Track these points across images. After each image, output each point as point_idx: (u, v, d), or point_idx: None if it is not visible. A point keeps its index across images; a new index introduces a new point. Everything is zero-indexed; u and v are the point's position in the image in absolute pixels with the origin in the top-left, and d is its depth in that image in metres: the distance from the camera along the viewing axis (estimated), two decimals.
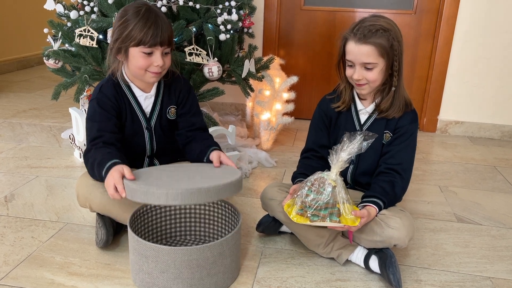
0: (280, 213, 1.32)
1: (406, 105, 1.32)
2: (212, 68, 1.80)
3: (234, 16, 1.83)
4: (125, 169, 1.12)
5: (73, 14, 1.74)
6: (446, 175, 2.04)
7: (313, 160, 1.40)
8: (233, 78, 2.00)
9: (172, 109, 1.43)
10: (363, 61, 1.24)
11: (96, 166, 1.20)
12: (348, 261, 1.30)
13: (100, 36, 1.71)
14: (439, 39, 2.49)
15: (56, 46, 1.83)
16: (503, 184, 1.96)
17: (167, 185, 1.08)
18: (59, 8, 1.86)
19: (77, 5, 1.80)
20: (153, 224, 1.34)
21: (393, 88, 1.29)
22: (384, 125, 1.33)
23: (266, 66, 2.09)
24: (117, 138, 1.30)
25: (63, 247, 1.34)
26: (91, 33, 1.68)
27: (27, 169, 1.90)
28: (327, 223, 1.14)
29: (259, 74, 2.03)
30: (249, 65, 1.91)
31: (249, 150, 2.10)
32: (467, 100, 2.58)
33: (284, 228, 1.42)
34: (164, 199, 1.05)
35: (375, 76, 1.25)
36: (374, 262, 1.25)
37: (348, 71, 1.29)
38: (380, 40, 1.21)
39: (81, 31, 1.67)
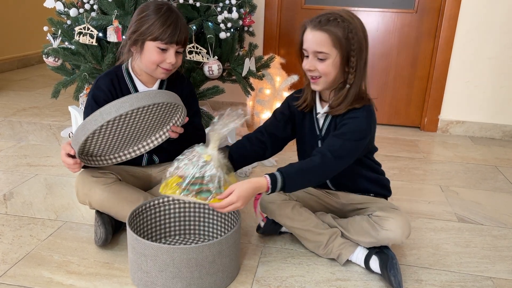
0: (280, 216, 1.31)
1: (358, 104, 1.21)
2: (212, 67, 1.79)
3: (235, 14, 1.83)
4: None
5: (73, 12, 1.73)
6: (447, 175, 2.03)
7: (251, 141, 1.34)
8: (233, 77, 2.00)
9: None
10: (316, 50, 1.16)
11: None
12: (348, 261, 1.29)
13: (100, 34, 1.70)
14: (441, 39, 2.48)
15: (55, 44, 1.82)
16: (504, 184, 1.95)
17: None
18: (59, 6, 1.85)
19: (77, 3, 1.79)
20: (152, 223, 1.33)
21: (347, 86, 1.20)
22: (335, 126, 1.26)
23: (266, 65, 2.08)
24: None
25: (62, 246, 1.34)
26: (91, 31, 1.67)
27: (26, 168, 1.89)
28: (192, 199, 1.08)
29: (259, 73, 2.03)
30: (249, 64, 1.90)
31: None
32: (468, 99, 2.57)
33: (284, 229, 1.42)
34: (100, 118, 1.08)
35: (327, 68, 1.17)
36: (374, 263, 1.24)
37: (304, 62, 1.22)
38: (335, 29, 1.14)
39: (80, 29, 1.67)
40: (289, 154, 2.17)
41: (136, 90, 1.39)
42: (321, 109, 1.28)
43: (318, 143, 1.31)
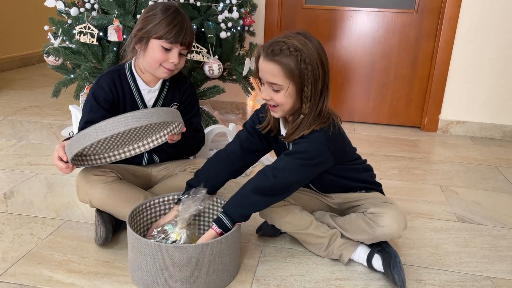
0: (281, 222, 1.31)
1: (311, 134, 1.17)
2: (213, 66, 1.79)
3: (235, 14, 1.83)
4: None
5: (74, 11, 1.73)
6: (447, 175, 2.03)
7: (224, 163, 1.32)
8: (234, 76, 2.00)
9: (175, 106, 1.44)
10: (269, 80, 1.13)
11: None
12: (350, 260, 1.30)
13: (101, 33, 1.70)
14: (441, 39, 2.48)
15: (56, 43, 1.83)
16: (504, 184, 1.95)
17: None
18: (60, 5, 1.85)
19: (78, 2, 1.79)
20: (152, 222, 1.33)
21: (301, 116, 1.16)
22: None
23: None
24: None
25: (62, 245, 1.34)
26: (92, 30, 1.67)
27: (26, 166, 1.90)
28: None
29: None
30: (249, 63, 1.91)
31: None
32: (469, 99, 2.57)
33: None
34: (94, 134, 1.07)
35: (282, 99, 1.13)
36: (377, 261, 1.25)
37: (261, 89, 1.18)
38: (287, 60, 1.09)
39: (81, 28, 1.67)
40: None
41: (137, 89, 1.39)
42: (284, 131, 1.25)
43: None
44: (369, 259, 1.26)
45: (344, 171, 1.31)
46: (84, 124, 1.33)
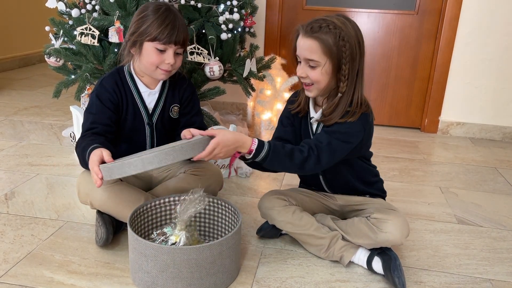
0: (281, 222, 1.31)
1: (352, 114, 1.19)
2: (213, 67, 1.80)
3: (236, 16, 1.83)
4: (104, 152, 1.13)
5: (75, 12, 1.73)
6: (447, 176, 2.03)
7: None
8: (234, 78, 2.00)
9: (175, 107, 1.44)
10: (306, 57, 1.16)
11: (80, 154, 1.22)
12: (350, 263, 1.30)
13: (102, 35, 1.71)
14: (441, 40, 2.49)
15: (57, 44, 1.83)
16: (504, 186, 1.96)
17: (141, 155, 1.08)
18: (61, 6, 1.85)
19: (79, 3, 1.80)
20: (153, 223, 1.34)
21: (339, 95, 1.18)
22: None
23: (267, 66, 2.09)
24: (108, 130, 1.33)
25: (63, 246, 1.34)
26: (93, 31, 1.68)
27: (27, 167, 1.90)
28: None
29: (260, 74, 2.03)
30: (250, 65, 1.91)
31: None
32: (469, 101, 2.57)
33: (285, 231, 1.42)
34: (141, 165, 1.04)
35: (318, 76, 1.16)
36: (377, 264, 1.25)
37: (297, 68, 1.21)
38: (326, 37, 1.12)
39: (82, 29, 1.67)
40: None
41: (138, 93, 1.39)
42: (315, 114, 1.28)
43: None
44: (369, 261, 1.26)
45: (360, 171, 1.32)
46: (91, 124, 1.31)
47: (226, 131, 1.11)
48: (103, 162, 1.12)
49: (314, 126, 1.29)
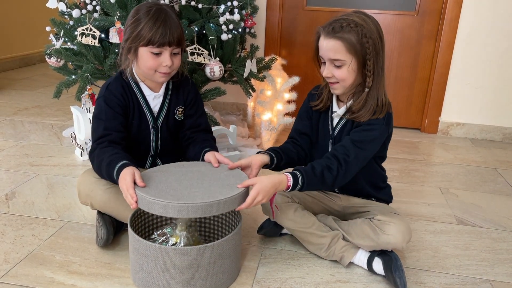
0: (282, 218, 1.32)
1: (381, 110, 1.21)
2: (214, 68, 1.80)
3: (236, 16, 1.83)
4: (136, 174, 1.12)
5: (76, 13, 1.74)
6: (447, 177, 2.03)
7: (292, 145, 1.37)
8: (235, 78, 2.01)
9: (180, 109, 1.43)
10: (331, 57, 1.17)
11: (104, 167, 1.19)
12: (350, 263, 1.30)
13: (102, 35, 1.71)
14: (442, 41, 2.49)
15: (58, 44, 1.83)
16: (504, 187, 1.96)
17: (183, 196, 1.08)
18: (62, 7, 1.86)
19: (80, 3, 1.80)
20: (154, 224, 1.34)
21: (366, 90, 1.20)
22: (350, 129, 1.26)
23: (267, 66, 2.09)
24: (122, 137, 1.31)
25: (63, 246, 1.35)
26: (93, 31, 1.68)
27: (28, 167, 1.90)
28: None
29: (260, 74, 2.03)
30: (250, 65, 1.91)
31: (250, 150, 2.10)
32: (469, 102, 2.57)
33: (285, 230, 1.42)
34: (185, 212, 1.05)
35: (344, 74, 1.18)
36: (378, 265, 1.25)
37: (321, 68, 1.23)
38: (349, 35, 1.14)
39: (83, 29, 1.68)
40: None
41: (143, 96, 1.36)
42: (338, 109, 1.29)
43: (329, 143, 1.32)
44: (370, 262, 1.27)
45: (372, 174, 1.32)
46: (104, 131, 1.27)
47: (262, 178, 1.14)
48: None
49: (335, 121, 1.30)
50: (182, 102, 1.43)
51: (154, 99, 1.38)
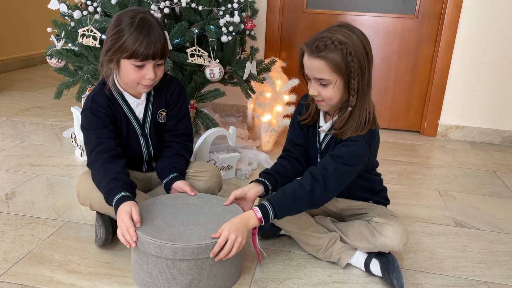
0: (280, 220, 1.32)
1: (363, 127, 1.18)
2: (214, 70, 1.81)
3: (237, 18, 1.84)
4: (134, 210, 1.13)
5: (77, 14, 1.75)
6: (445, 180, 2.04)
7: (287, 160, 1.36)
8: (235, 80, 2.01)
9: (162, 112, 1.42)
10: (316, 76, 1.14)
11: (103, 191, 1.21)
12: (348, 264, 1.31)
13: (103, 36, 1.72)
14: (441, 44, 2.50)
15: (59, 45, 1.84)
16: (502, 189, 1.96)
17: (179, 234, 1.10)
18: (63, 8, 1.87)
19: (81, 5, 1.81)
20: None
21: (349, 108, 1.16)
22: (335, 144, 1.24)
23: (267, 68, 2.10)
24: (116, 143, 1.31)
25: (63, 245, 1.35)
26: (94, 33, 1.69)
27: (28, 167, 1.91)
28: None
29: (260, 76, 2.04)
30: (250, 67, 1.92)
31: (249, 152, 2.11)
32: (468, 105, 2.58)
33: (283, 231, 1.43)
34: (181, 254, 1.07)
35: (330, 93, 1.15)
36: (375, 266, 1.26)
37: (308, 85, 1.20)
38: (333, 55, 1.10)
39: (84, 31, 1.69)
40: None
41: (127, 105, 1.36)
42: (324, 124, 1.27)
43: (317, 156, 1.31)
44: (367, 263, 1.27)
45: (366, 182, 1.32)
46: (96, 139, 1.27)
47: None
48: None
49: (322, 135, 1.29)
50: (164, 104, 1.41)
51: (138, 106, 1.38)
